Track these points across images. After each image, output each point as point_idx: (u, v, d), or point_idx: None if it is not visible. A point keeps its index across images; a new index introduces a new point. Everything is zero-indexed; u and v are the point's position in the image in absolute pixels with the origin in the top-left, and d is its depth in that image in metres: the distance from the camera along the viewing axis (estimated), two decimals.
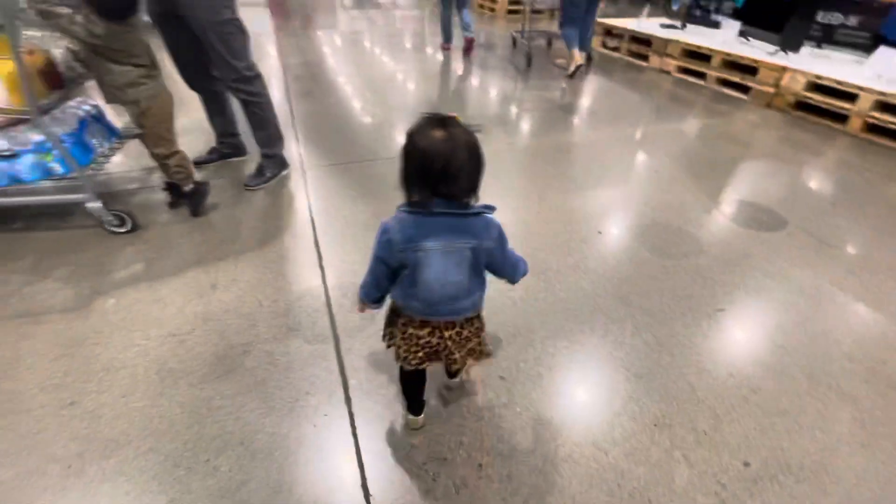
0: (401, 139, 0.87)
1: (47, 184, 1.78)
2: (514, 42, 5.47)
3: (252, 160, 2.38)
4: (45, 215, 1.93)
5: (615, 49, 5.23)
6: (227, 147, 2.38)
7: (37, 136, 1.61)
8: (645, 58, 4.83)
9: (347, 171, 2.46)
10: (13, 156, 1.62)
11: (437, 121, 0.82)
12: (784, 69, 3.46)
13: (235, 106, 2.22)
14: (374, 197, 2.21)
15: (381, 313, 1.11)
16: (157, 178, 2.27)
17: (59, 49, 1.64)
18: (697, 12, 5.11)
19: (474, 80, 4.25)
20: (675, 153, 2.81)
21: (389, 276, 0.96)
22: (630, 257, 1.88)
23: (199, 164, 2.32)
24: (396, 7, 8.06)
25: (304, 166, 2.47)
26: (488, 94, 3.86)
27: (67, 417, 1.17)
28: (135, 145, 2.24)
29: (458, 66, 4.63)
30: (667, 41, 4.52)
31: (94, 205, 1.73)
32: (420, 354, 1.00)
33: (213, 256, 1.77)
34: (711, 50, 4.06)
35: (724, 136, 3.05)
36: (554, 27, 5.25)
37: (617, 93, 4.03)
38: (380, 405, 1.23)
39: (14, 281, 1.60)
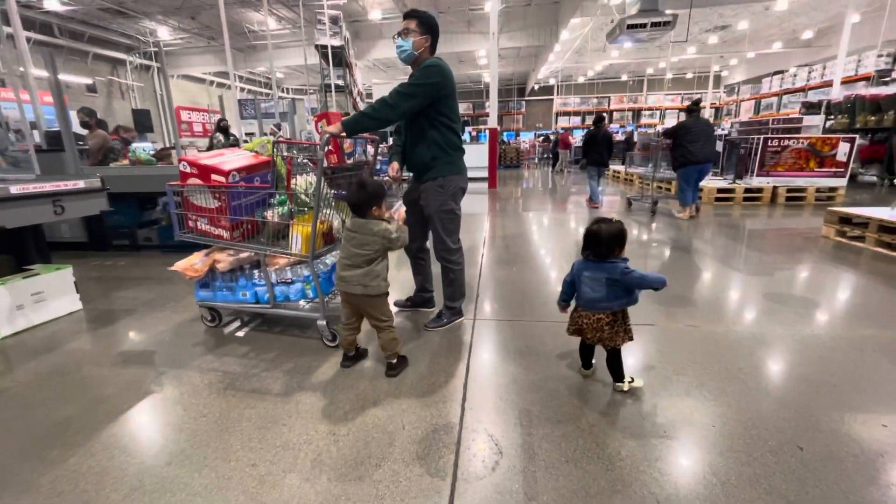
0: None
1: (300, 303, 2.55)
2: (630, 203, 7.32)
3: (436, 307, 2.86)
4: (294, 326, 2.71)
5: (857, 238, 4.46)
6: (420, 299, 2.94)
7: (306, 272, 2.42)
8: None
9: (512, 328, 2.68)
10: (291, 283, 2.45)
11: (600, 219, 1.83)
12: None
13: (435, 270, 2.80)
14: (528, 355, 2.31)
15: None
16: None
17: (336, 220, 2.52)
18: None
19: (658, 251, 4.19)
20: None
21: (570, 289, 1.95)
22: (847, 492, 1.39)
23: (398, 306, 2.93)
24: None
25: (476, 318, 2.81)
26: (672, 262, 3.72)
27: (247, 475, 1.51)
28: None
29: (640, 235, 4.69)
30: None
31: (322, 322, 2.37)
32: (573, 327, 1.94)
33: (382, 378, 2.12)
34: None
35: None
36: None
37: (861, 287, 3.33)
38: None
39: (260, 366, 2.26)
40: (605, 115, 7.97)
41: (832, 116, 10.17)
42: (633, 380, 1.95)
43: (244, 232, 2.43)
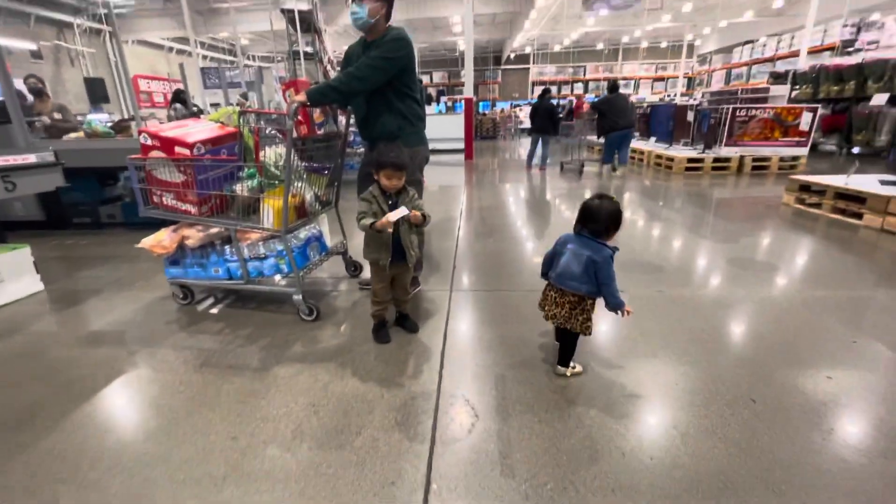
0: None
1: (276, 278, 2.53)
2: (562, 166, 8.28)
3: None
4: (269, 301, 2.69)
5: (815, 206, 4.67)
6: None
7: (279, 246, 2.39)
8: (858, 216, 4.17)
9: (488, 297, 2.73)
10: (264, 258, 2.42)
11: (599, 195, 1.73)
12: None
13: None
14: (503, 323, 2.38)
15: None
16: (344, 286, 2.95)
17: (309, 193, 2.47)
18: None
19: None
20: (893, 326, 2.25)
21: (551, 260, 1.84)
22: (793, 438, 1.52)
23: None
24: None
25: (453, 289, 2.85)
26: (646, 231, 3.84)
27: (228, 447, 1.53)
28: (335, 260, 3.00)
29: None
30: (889, 199, 3.87)
31: (298, 297, 2.36)
32: (545, 306, 1.85)
33: (361, 350, 2.14)
34: None
35: None
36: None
37: (815, 251, 3.52)
38: None
39: (236, 342, 2.24)
40: (549, 88, 9.38)
41: (797, 87, 10.42)
42: (575, 366, 1.90)
43: (213, 206, 2.36)
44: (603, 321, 2.39)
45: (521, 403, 1.72)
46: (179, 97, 7.48)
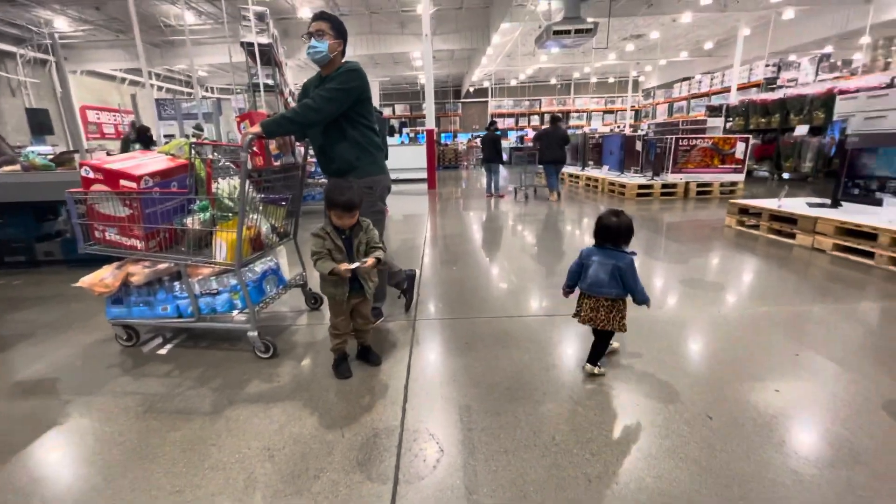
0: (505, 303, 2.46)
1: (234, 314, 2.41)
2: (515, 192, 8.95)
3: None
4: (224, 339, 2.55)
5: (754, 227, 5.02)
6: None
7: (234, 281, 2.29)
8: (791, 235, 4.50)
9: (452, 326, 2.71)
10: (217, 293, 2.31)
11: (612, 211, 1.99)
12: None
13: None
14: (469, 351, 2.36)
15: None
16: (304, 320, 2.86)
17: (265, 225, 2.41)
18: (856, 191, 4.73)
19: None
20: (829, 338, 2.40)
21: (576, 273, 2.06)
22: (748, 452, 1.56)
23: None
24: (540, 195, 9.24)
25: (417, 318, 2.81)
26: None
27: (171, 503, 1.40)
28: (295, 293, 2.91)
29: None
30: (816, 219, 4.21)
31: (253, 333, 2.25)
32: (581, 313, 2.05)
33: (320, 386, 2.06)
34: (875, 228, 3.66)
35: None
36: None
37: (757, 269, 3.74)
38: None
39: (184, 385, 2.10)
40: (495, 121, 9.65)
41: (730, 119, 11.35)
42: (601, 367, 2.09)
43: (161, 241, 2.25)
44: (570, 346, 2.42)
45: (486, 434, 1.69)
46: (145, 134, 7.15)
